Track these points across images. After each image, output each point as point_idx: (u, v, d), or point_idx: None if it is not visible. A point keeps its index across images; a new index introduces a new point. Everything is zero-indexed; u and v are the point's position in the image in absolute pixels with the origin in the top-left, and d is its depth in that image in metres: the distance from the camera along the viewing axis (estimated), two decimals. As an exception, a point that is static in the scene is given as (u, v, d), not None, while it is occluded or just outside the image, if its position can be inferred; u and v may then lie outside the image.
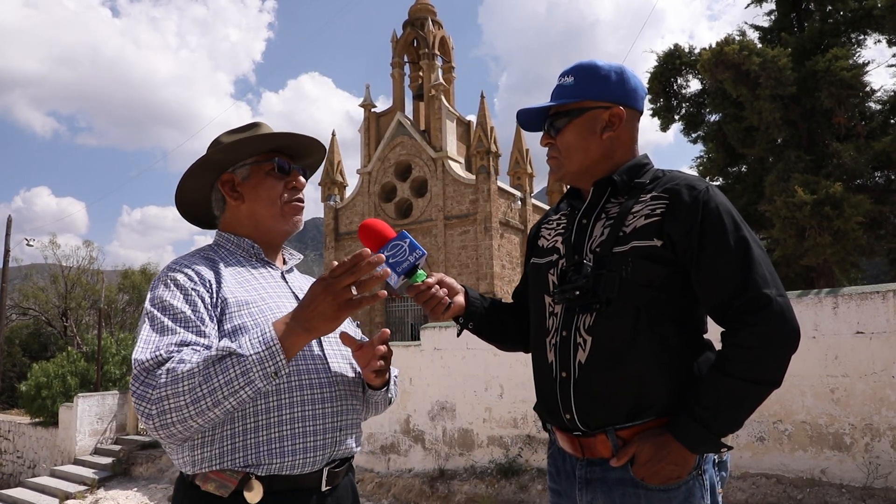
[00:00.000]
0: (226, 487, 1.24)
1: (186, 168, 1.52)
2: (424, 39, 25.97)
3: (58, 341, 28.16)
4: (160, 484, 10.80)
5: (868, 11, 13.16)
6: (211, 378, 1.12)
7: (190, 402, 1.12)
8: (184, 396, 1.12)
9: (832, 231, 11.27)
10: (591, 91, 1.48)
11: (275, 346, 1.15)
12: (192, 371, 1.12)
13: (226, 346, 1.15)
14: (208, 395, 1.12)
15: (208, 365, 1.13)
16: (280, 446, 1.27)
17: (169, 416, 1.12)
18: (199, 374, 1.12)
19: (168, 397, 1.12)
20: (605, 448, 1.37)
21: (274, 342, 1.15)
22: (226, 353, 1.14)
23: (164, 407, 1.12)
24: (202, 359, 1.14)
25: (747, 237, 1.33)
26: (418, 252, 1.42)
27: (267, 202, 1.49)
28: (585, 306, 1.39)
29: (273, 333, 1.16)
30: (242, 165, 1.50)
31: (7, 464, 16.22)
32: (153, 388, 1.13)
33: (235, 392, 1.14)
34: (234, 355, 1.14)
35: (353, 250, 10.66)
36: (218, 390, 1.12)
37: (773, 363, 1.28)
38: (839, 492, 4.77)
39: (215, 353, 1.14)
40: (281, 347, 1.15)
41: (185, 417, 1.13)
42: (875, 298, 4.87)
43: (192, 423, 1.14)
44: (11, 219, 22.46)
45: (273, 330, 1.17)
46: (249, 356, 1.14)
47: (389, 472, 7.98)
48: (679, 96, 15.87)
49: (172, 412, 1.12)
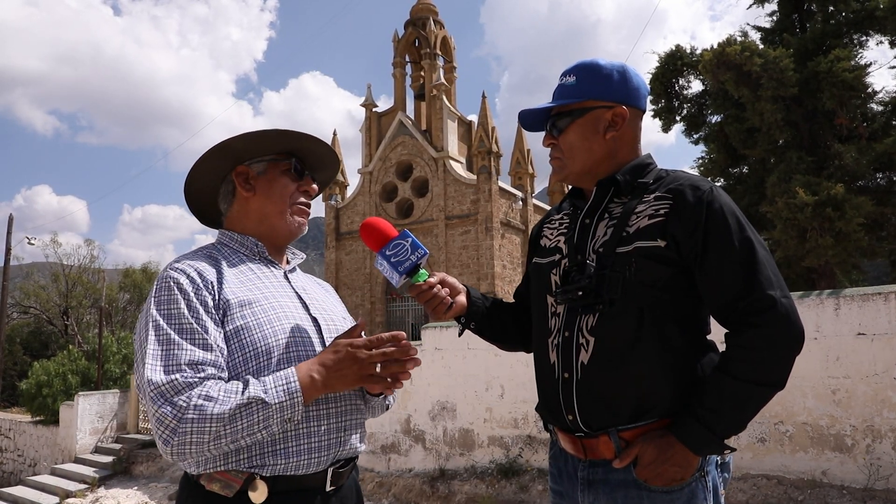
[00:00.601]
0: (230, 487, 1.25)
1: (196, 159, 1.51)
2: (426, 39, 25.96)
3: (59, 340, 28.19)
4: (161, 482, 10.80)
5: (870, 12, 13.14)
6: (235, 421, 1.18)
7: (211, 440, 1.18)
8: (207, 435, 1.17)
9: (834, 232, 11.26)
10: (594, 90, 1.47)
11: (298, 398, 1.23)
12: (221, 416, 1.17)
13: (254, 394, 1.20)
14: (229, 436, 1.18)
15: (234, 411, 1.18)
16: (284, 447, 1.27)
17: (188, 448, 1.17)
18: (226, 417, 1.17)
19: (191, 433, 1.16)
20: (608, 449, 1.37)
21: (297, 395, 1.23)
22: (252, 400, 1.19)
23: (186, 440, 1.17)
24: (231, 406, 1.18)
25: (752, 238, 1.32)
26: (420, 251, 1.42)
27: (277, 199, 1.49)
28: (588, 307, 1.38)
29: (297, 385, 1.23)
30: (260, 160, 1.50)
31: (8, 462, 16.23)
32: (178, 420, 1.16)
33: (253, 434, 1.21)
34: (260, 402, 1.20)
35: (353, 250, 10.75)
36: (239, 432, 1.19)
37: (777, 365, 1.27)
38: (840, 493, 4.76)
39: (244, 399, 1.19)
40: (302, 399, 1.23)
41: (203, 451, 1.19)
42: (877, 300, 4.86)
43: (207, 454, 1.21)
44: (13, 217, 22.48)
45: (297, 381, 1.24)
46: (274, 405, 1.20)
47: (390, 472, 7.98)
48: (680, 97, 15.86)
49: (192, 445, 1.17)
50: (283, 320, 1.35)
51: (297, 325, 1.37)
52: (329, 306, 1.53)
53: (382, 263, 1.44)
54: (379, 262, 1.46)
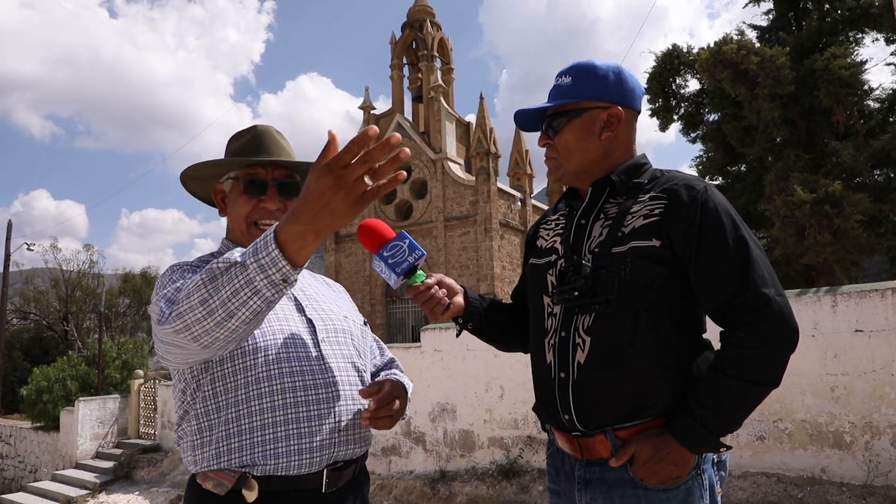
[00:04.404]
0: (222, 486, 1.27)
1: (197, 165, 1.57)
2: (423, 41, 25.98)
3: (59, 345, 28.14)
4: (161, 487, 10.79)
5: (866, 10, 13.18)
6: (220, 289, 1.09)
7: (205, 315, 1.10)
8: (198, 310, 1.10)
9: (832, 229, 11.28)
10: (590, 91, 1.48)
11: (273, 251, 1.05)
12: (199, 283, 1.10)
13: (227, 257, 1.10)
14: (220, 307, 1.09)
15: (214, 277, 1.10)
16: (274, 448, 1.28)
17: (193, 330, 1.12)
18: (206, 285, 1.10)
19: (184, 313, 1.11)
20: (604, 448, 1.37)
21: (272, 247, 1.05)
22: (230, 265, 1.09)
23: (187, 320, 1.11)
24: (206, 269, 1.12)
25: (746, 237, 1.33)
26: (417, 252, 1.42)
27: (236, 219, 1.51)
28: (584, 307, 1.39)
29: (270, 238, 1.06)
30: (227, 179, 1.53)
31: (9, 468, 16.21)
32: (173, 303, 1.16)
33: (245, 302, 1.09)
34: (237, 265, 1.08)
35: (352, 252, 10.74)
36: (228, 301, 1.09)
37: (771, 363, 1.28)
38: (840, 490, 4.77)
39: (220, 263, 1.10)
40: (280, 254, 1.05)
41: (208, 328, 1.12)
42: (874, 296, 4.87)
43: (217, 332, 1.12)
44: (12, 223, 22.49)
45: (274, 233, 1.06)
46: (249, 264, 1.07)
47: (391, 474, 7.98)
48: (678, 96, 15.90)
49: (194, 325, 1.11)
50: (273, 322, 1.37)
51: (286, 327, 1.38)
52: (331, 306, 1.53)
53: (380, 265, 1.45)
54: (376, 264, 1.46)
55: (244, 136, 1.54)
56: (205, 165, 1.52)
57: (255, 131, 1.54)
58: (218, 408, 1.31)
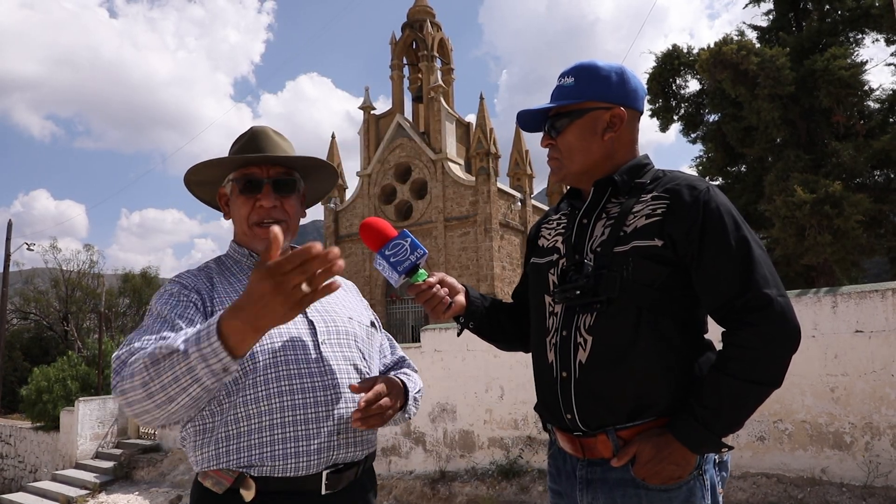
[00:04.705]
0: (220, 485, 1.30)
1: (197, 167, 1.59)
2: (423, 41, 25.99)
3: (59, 345, 28.14)
4: (161, 487, 10.79)
5: (866, 10, 13.18)
6: (161, 374, 1.13)
7: (146, 397, 1.15)
8: (139, 391, 1.15)
9: (832, 230, 11.29)
10: (592, 92, 1.47)
11: (215, 344, 1.09)
12: (142, 367, 1.14)
13: (169, 344, 1.13)
14: (160, 392, 1.14)
15: (157, 361, 1.13)
16: (271, 449, 1.29)
17: (134, 408, 1.17)
18: (148, 370, 1.13)
19: (127, 391, 1.16)
20: (606, 448, 1.37)
21: (213, 341, 1.09)
22: (171, 351, 1.12)
23: (129, 399, 1.16)
24: (149, 352, 1.15)
25: (748, 237, 1.33)
26: (419, 251, 1.42)
27: (238, 220, 1.53)
28: (586, 306, 1.39)
29: (212, 329, 1.09)
30: (227, 181, 1.54)
31: (8, 468, 16.21)
32: (121, 379, 1.19)
33: (186, 388, 1.13)
34: (179, 353, 1.11)
35: (352, 252, 10.77)
36: (169, 387, 1.13)
37: (773, 363, 1.28)
38: (840, 491, 4.77)
39: (163, 349, 1.13)
40: (221, 345, 1.09)
41: (148, 409, 1.16)
42: (874, 297, 4.87)
43: (157, 413, 1.17)
44: (12, 223, 22.49)
45: (215, 325, 1.10)
46: (192, 354, 1.10)
47: (391, 475, 7.98)
48: (678, 97, 15.90)
49: (135, 404, 1.16)
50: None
51: (285, 329, 1.38)
52: (335, 307, 1.52)
53: (382, 263, 1.45)
54: (378, 262, 1.46)
55: (242, 138, 1.56)
56: (203, 166, 1.52)
57: (251, 132, 1.55)
58: (219, 410, 1.32)
